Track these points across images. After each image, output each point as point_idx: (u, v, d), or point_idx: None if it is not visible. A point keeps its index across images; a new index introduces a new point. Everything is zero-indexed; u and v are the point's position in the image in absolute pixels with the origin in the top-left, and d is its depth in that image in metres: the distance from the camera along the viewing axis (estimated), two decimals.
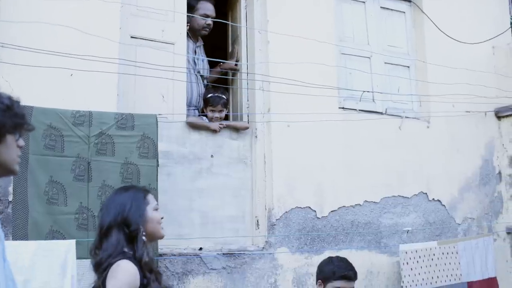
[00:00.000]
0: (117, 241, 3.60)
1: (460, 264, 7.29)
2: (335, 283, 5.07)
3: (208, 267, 6.02)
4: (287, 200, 6.51)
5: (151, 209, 3.78)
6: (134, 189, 3.85)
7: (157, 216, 3.79)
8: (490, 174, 8.17)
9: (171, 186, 6.08)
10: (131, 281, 3.46)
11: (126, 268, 3.49)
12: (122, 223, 3.65)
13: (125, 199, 3.74)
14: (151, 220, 3.75)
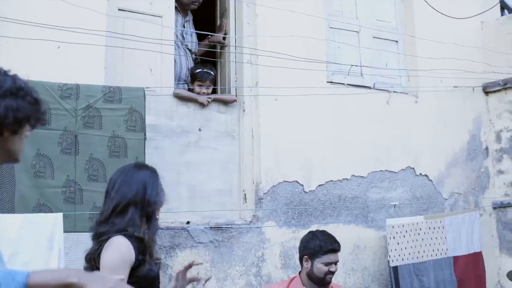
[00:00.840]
0: (131, 219, 3.62)
1: (446, 239, 7.33)
2: (323, 258, 5.09)
3: (196, 241, 6.03)
4: (274, 174, 6.51)
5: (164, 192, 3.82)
6: (151, 169, 3.88)
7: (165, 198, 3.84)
8: (477, 149, 8.20)
9: (159, 160, 6.05)
10: (125, 256, 3.49)
11: (119, 244, 3.51)
12: (141, 202, 3.66)
13: (146, 178, 3.76)
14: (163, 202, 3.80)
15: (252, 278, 6.27)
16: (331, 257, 5.10)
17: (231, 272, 6.17)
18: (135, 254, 3.53)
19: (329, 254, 5.10)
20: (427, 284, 7.08)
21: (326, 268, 5.08)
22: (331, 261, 5.11)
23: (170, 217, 6.01)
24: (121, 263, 3.47)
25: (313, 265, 5.13)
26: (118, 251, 3.49)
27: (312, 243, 5.18)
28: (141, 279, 3.55)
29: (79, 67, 5.59)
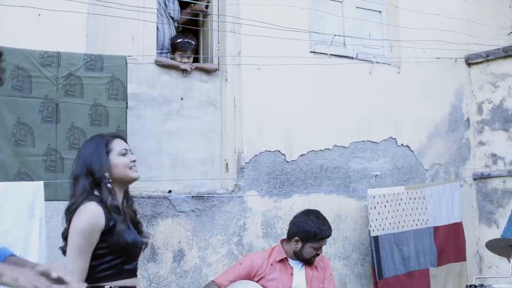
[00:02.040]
0: (83, 189, 3.65)
1: (427, 209, 7.38)
2: (315, 244, 5.11)
3: (177, 210, 6.04)
4: (256, 144, 6.52)
5: (115, 155, 3.78)
6: (98, 138, 3.87)
7: (122, 161, 3.78)
8: (459, 121, 8.23)
9: (141, 129, 6.04)
10: (93, 221, 3.50)
11: (89, 209, 3.53)
12: (87, 173, 3.70)
13: (89, 150, 3.79)
14: (116, 166, 3.75)
15: (234, 247, 6.30)
16: (322, 243, 5.15)
17: (212, 241, 6.19)
18: (106, 220, 3.55)
19: (321, 241, 5.14)
20: (407, 253, 7.14)
21: (315, 252, 5.12)
22: (321, 246, 5.16)
23: (151, 186, 6.01)
24: (89, 228, 3.50)
25: (303, 248, 5.14)
26: (88, 216, 3.52)
27: (307, 228, 5.14)
28: (112, 246, 3.56)
29: (60, 34, 5.54)
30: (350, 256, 7.02)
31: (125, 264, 3.60)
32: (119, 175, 3.76)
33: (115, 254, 3.57)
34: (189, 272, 6.05)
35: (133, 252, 3.70)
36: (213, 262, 6.17)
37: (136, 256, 3.74)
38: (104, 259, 3.55)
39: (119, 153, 3.79)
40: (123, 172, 3.77)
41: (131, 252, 3.68)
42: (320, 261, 5.31)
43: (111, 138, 3.84)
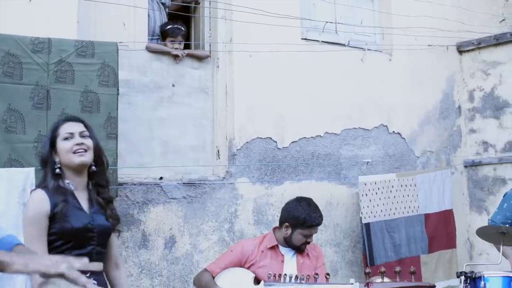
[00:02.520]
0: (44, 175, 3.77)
1: (418, 196, 7.40)
2: (305, 230, 5.10)
3: (169, 197, 6.04)
4: (248, 131, 6.51)
5: (60, 139, 3.78)
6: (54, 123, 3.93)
7: (65, 146, 3.75)
8: (450, 108, 8.24)
9: (132, 115, 6.03)
10: (37, 208, 3.57)
11: (33, 197, 3.63)
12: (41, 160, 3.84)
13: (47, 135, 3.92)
14: (60, 150, 3.76)
15: (225, 234, 6.30)
16: (312, 230, 5.13)
17: (204, 228, 6.19)
18: (51, 206, 3.59)
19: (311, 228, 5.12)
20: (398, 240, 7.17)
21: (304, 239, 5.11)
22: (311, 234, 5.15)
23: (143, 173, 6.01)
24: (34, 215, 3.56)
25: (292, 234, 5.14)
26: (32, 204, 3.60)
27: (298, 214, 5.15)
28: (59, 231, 3.60)
29: (51, 20, 5.52)
30: (341, 243, 7.03)
31: (74, 249, 3.60)
32: (64, 160, 3.76)
33: (63, 239, 3.61)
34: (180, 258, 6.06)
35: (84, 237, 3.68)
36: (205, 249, 6.18)
37: (92, 240, 3.71)
38: (54, 244, 3.59)
39: (63, 137, 3.78)
40: (66, 157, 3.76)
41: (81, 237, 3.66)
42: (312, 249, 5.31)
43: (61, 123, 3.84)
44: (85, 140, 3.79)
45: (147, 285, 5.87)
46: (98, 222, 3.78)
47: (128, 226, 5.81)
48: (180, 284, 6.02)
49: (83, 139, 3.78)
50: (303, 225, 5.09)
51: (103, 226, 3.81)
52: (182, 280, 6.04)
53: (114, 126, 5.46)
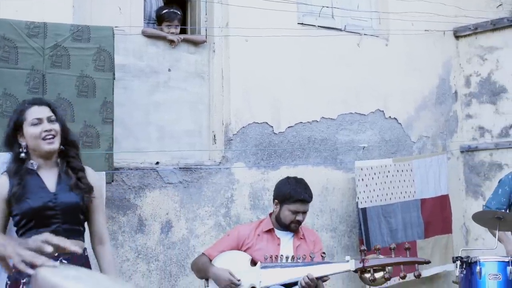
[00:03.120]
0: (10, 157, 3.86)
1: (414, 182, 7.41)
2: (291, 206, 5.09)
3: (165, 181, 6.03)
4: (244, 115, 6.50)
5: (28, 125, 3.79)
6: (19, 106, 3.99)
7: (34, 131, 3.78)
8: (447, 94, 8.23)
9: (128, 100, 6.02)
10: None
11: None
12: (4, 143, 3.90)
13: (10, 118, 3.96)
14: (28, 136, 3.80)
15: (221, 219, 6.30)
16: (298, 206, 5.11)
17: (200, 213, 6.19)
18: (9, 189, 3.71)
19: (297, 203, 5.10)
20: (394, 225, 7.18)
21: (293, 217, 5.10)
22: (298, 210, 5.11)
23: (139, 158, 6.01)
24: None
25: (280, 210, 5.15)
26: None
27: (284, 189, 5.19)
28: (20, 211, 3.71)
29: (46, 5, 5.50)
30: (337, 228, 7.04)
31: (38, 228, 3.68)
32: (32, 145, 3.80)
33: (25, 218, 3.71)
34: (176, 243, 6.06)
35: (45, 215, 3.74)
36: (201, 234, 6.18)
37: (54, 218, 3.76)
38: (19, 224, 3.72)
39: (30, 123, 3.79)
40: (35, 143, 3.80)
41: (42, 215, 3.73)
42: (310, 234, 5.32)
43: (28, 106, 3.85)
44: (53, 126, 3.82)
45: (144, 269, 5.87)
46: (62, 199, 3.79)
47: (124, 211, 5.81)
48: (177, 269, 6.03)
49: (51, 124, 3.82)
50: (289, 200, 5.10)
51: (68, 203, 3.82)
52: (179, 265, 6.04)
53: (110, 111, 5.44)
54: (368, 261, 4.74)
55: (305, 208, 5.17)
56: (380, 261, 4.74)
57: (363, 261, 4.74)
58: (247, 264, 5.03)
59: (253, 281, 4.95)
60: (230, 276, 4.90)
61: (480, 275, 5.25)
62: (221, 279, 4.92)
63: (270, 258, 4.95)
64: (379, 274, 4.75)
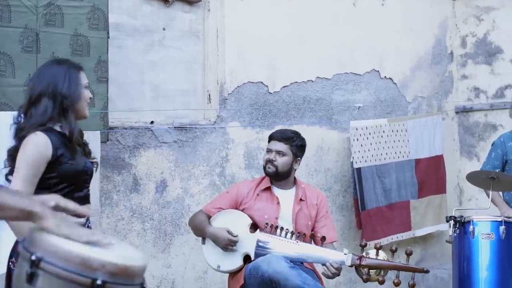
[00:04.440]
0: (45, 110, 3.68)
1: (408, 142, 7.43)
2: (267, 146, 5.27)
3: (160, 141, 6.03)
4: (239, 75, 6.49)
5: (83, 87, 3.78)
6: (68, 63, 3.87)
7: (87, 94, 3.82)
8: (442, 54, 8.22)
9: (122, 59, 5.98)
10: (40, 152, 3.56)
11: (36, 141, 3.57)
12: (54, 94, 3.69)
13: (59, 72, 3.77)
14: (82, 97, 3.78)
15: (216, 178, 6.32)
16: (271, 144, 5.20)
17: (195, 172, 6.20)
18: (52, 149, 3.60)
19: (270, 141, 5.22)
20: (389, 185, 7.21)
21: (266, 156, 5.19)
22: (270, 148, 5.19)
23: (133, 117, 5.99)
24: (35, 159, 3.55)
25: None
26: (35, 147, 3.56)
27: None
28: (62, 174, 3.64)
29: None
30: (332, 188, 7.07)
31: (75, 192, 3.68)
32: (80, 107, 3.79)
33: (66, 182, 3.66)
34: (171, 202, 6.08)
35: (83, 180, 3.77)
36: (196, 193, 6.20)
37: (86, 183, 3.82)
38: (56, 187, 3.62)
39: (85, 85, 3.80)
40: (83, 106, 3.81)
41: (81, 179, 3.76)
42: (314, 197, 5.31)
43: (80, 68, 3.84)
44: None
45: (139, 228, 5.90)
46: (88, 164, 3.86)
47: (119, 170, 5.81)
48: (171, 228, 6.06)
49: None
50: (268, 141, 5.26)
51: (91, 168, 3.91)
52: (174, 224, 6.07)
53: (105, 70, 5.42)
54: (365, 260, 4.73)
55: (276, 147, 5.17)
56: (378, 263, 4.72)
57: (361, 258, 4.74)
58: (246, 229, 5.03)
59: (249, 249, 4.98)
60: (228, 235, 4.91)
61: (473, 234, 5.30)
62: (219, 239, 4.93)
63: (270, 228, 4.97)
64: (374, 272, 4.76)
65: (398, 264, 4.75)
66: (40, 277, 2.36)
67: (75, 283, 2.34)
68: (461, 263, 5.39)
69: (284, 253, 4.82)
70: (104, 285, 2.35)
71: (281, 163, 5.16)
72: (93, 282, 2.34)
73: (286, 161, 5.17)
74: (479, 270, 5.27)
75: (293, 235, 4.91)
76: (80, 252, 2.38)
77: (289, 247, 4.86)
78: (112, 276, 2.38)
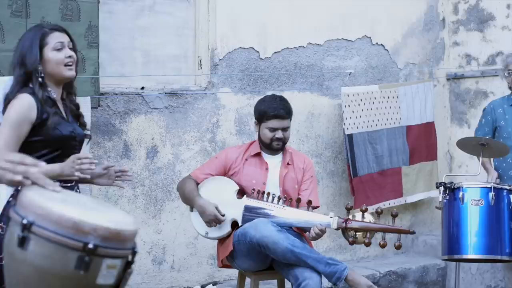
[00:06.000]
0: (17, 79, 3.71)
1: (400, 108, 7.42)
2: (268, 123, 5.09)
3: (150, 107, 6.02)
4: (230, 40, 6.45)
5: (50, 49, 3.73)
6: (37, 29, 3.85)
7: (56, 57, 3.73)
8: (434, 20, 8.18)
9: (113, 24, 5.94)
10: (24, 111, 3.57)
11: (21, 101, 3.59)
12: (22, 61, 3.71)
13: (25, 40, 3.78)
14: (48, 61, 3.73)
15: (207, 144, 6.32)
16: (274, 123, 5.07)
17: (185, 138, 6.20)
18: (37, 112, 3.60)
19: (273, 119, 5.07)
20: (380, 152, 7.22)
21: (272, 134, 5.09)
22: (275, 127, 5.08)
23: (124, 82, 5.97)
24: (18, 120, 3.56)
25: (260, 130, 5.17)
26: (19, 108, 3.58)
27: (259, 107, 5.20)
28: (47, 138, 3.65)
29: None
30: (322, 154, 7.08)
31: (62, 157, 3.64)
32: (52, 71, 3.75)
33: (51, 147, 3.67)
34: (162, 168, 6.08)
35: (70, 145, 3.76)
36: (186, 159, 6.20)
37: (75, 149, 3.79)
38: (40, 152, 3.63)
39: (53, 47, 3.74)
40: (56, 69, 3.75)
41: (68, 144, 3.74)
42: (301, 162, 5.31)
43: (49, 31, 3.78)
44: (72, 53, 3.80)
45: (129, 194, 5.91)
46: (78, 130, 3.85)
47: (109, 136, 5.80)
48: (162, 194, 6.07)
49: (71, 51, 3.79)
50: (264, 117, 5.11)
51: (82, 134, 3.91)
52: (164, 190, 6.08)
53: (95, 35, 5.39)
54: (351, 222, 4.75)
55: (283, 124, 5.12)
56: (364, 225, 4.74)
57: (346, 221, 4.76)
58: (233, 196, 5.04)
59: (236, 215, 4.99)
60: (215, 211, 4.91)
61: (463, 200, 5.31)
62: (206, 213, 4.92)
63: (257, 193, 4.98)
64: (361, 234, 4.78)
65: (384, 226, 4.78)
66: (32, 241, 2.37)
67: (67, 246, 2.35)
68: (451, 229, 5.41)
69: (271, 217, 4.84)
70: (96, 249, 2.36)
71: (288, 136, 5.21)
72: (84, 246, 2.35)
73: (289, 132, 5.22)
74: (468, 235, 5.30)
75: (280, 200, 4.93)
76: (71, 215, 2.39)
77: (276, 212, 4.89)
78: (104, 240, 2.40)
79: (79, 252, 2.34)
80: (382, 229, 4.75)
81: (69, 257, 2.35)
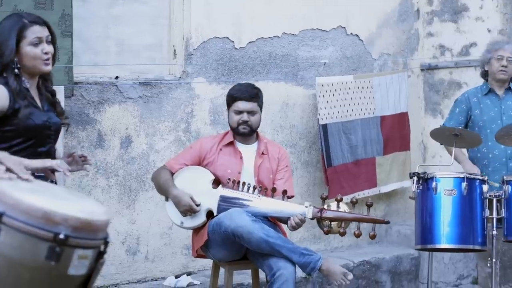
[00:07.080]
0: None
1: (374, 99, 7.45)
2: (233, 106, 5.16)
3: (124, 96, 5.99)
4: (205, 30, 6.43)
5: (27, 43, 3.70)
6: (15, 19, 3.79)
7: (33, 52, 3.71)
8: (409, 11, 8.20)
9: (87, 13, 5.89)
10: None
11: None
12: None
13: (3, 29, 3.74)
14: (25, 55, 3.70)
15: (181, 134, 6.30)
16: (239, 105, 5.12)
17: (160, 128, 6.18)
18: (10, 101, 3.58)
19: (238, 102, 5.13)
20: (354, 142, 7.25)
21: (238, 117, 5.13)
22: (240, 109, 5.12)
23: (98, 72, 5.93)
24: None
25: (229, 115, 5.22)
26: None
27: (228, 93, 5.31)
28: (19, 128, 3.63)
29: None
30: (297, 144, 7.08)
31: (37, 147, 3.66)
32: (28, 65, 3.72)
33: (24, 137, 3.64)
34: (136, 158, 6.06)
35: (44, 134, 3.74)
36: (161, 149, 6.18)
37: (50, 138, 3.78)
38: (13, 141, 3.61)
39: (30, 42, 3.71)
40: (32, 63, 3.73)
41: (42, 134, 3.73)
42: (275, 152, 5.34)
43: (29, 24, 3.73)
44: (50, 48, 3.76)
45: (103, 184, 5.88)
46: (53, 119, 3.82)
47: (83, 126, 5.77)
48: (136, 184, 6.05)
49: (49, 46, 3.76)
50: (231, 101, 5.18)
51: (57, 123, 3.88)
52: (138, 180, 6.05)
53: (69, 24, 5.33)
54: (326, 212, 4.78)
55: (248, 107, 5.15)
56: (338, 215, 4.78)
57: (322, 211, 4.78)
58: (208, 186, 5.05)
59: (211, 205, 4.99)
60: (190, 201, 4.91)
61: (436, 190, 5.33)
62: (181, 203, 4.92)
63: (233, 183, 4.99)
64: (336, 224, 4.81)
65: (359, 216, 4.81)
66: (2, 231, 2.35)
67: (37, 237, 2.34)
68: (424, 219, 5.43)
69: (246, 207, 4.85)
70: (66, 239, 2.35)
71: (255, 121, 5.19)
72: (55, 236, 2.34)
73: (258, 118, 5.22)
74: (441, 225, 5.32)
75: (255, 190, 4.94)
76: (42, 205, 2.37)
77: (251, 202, 4.90)
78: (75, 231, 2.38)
79: (49, 242, 2.33)
80: (357, 219, 4.78)
81: (40, 247, 2.34)
